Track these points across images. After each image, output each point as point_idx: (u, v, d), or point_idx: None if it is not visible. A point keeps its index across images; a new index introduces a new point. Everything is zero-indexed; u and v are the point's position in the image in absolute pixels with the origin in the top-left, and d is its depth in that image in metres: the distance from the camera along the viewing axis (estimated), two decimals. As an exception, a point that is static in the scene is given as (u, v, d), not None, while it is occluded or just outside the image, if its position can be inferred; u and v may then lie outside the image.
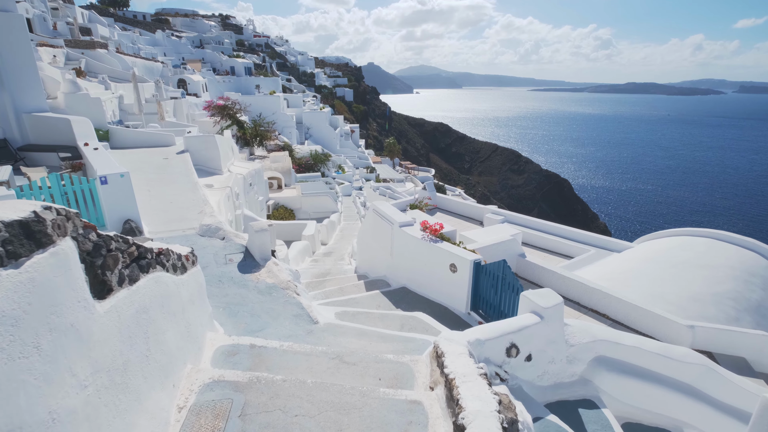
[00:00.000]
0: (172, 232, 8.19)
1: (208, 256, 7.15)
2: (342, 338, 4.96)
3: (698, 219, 78.13)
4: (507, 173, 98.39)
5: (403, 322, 6.03)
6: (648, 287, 8.30)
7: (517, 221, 13.30)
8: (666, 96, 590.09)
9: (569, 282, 8.22)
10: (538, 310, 5.17)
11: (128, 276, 2.88)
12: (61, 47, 30.57)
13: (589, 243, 11.84)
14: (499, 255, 8.62)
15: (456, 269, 6.75)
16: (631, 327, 7.29)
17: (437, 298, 7.34)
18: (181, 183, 11.41)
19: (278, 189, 26.52)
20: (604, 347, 5.49)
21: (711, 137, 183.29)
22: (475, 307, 6.80)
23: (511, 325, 4.93)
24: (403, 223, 8.05)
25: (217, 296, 5.85)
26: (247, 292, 5.98)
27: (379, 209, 8.93)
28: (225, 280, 6.30)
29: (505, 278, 5.97)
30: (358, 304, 7.09)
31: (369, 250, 9.82)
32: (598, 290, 7.67)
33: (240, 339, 4.46)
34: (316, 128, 55.09)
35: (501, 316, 6.22)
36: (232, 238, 7.87)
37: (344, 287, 8.25)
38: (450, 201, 15.34)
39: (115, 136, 14.80)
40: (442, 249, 6.98)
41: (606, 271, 9.79)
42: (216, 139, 15.17)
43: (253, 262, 6.96)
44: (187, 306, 3.88)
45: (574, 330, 5.51)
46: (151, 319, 3.06)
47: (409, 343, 4.89)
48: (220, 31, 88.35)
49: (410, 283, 7.94)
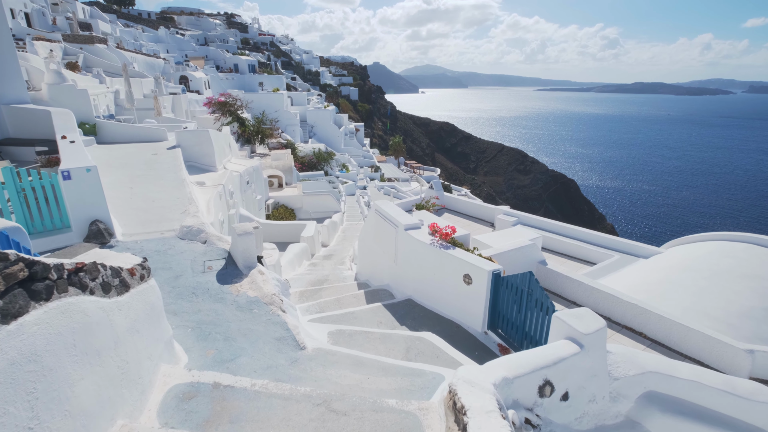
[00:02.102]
0: (149, 235, 7.26)
1: (185, 262, 6.21)
2: (333, 370, 3.99)
3: (706, 221, 76.64)
4: (513, 173, 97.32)
5: (408, 345, 5.05)
6: (688, 300, 7.27)
7: (532, 223, 12.29)
8: (674, 96, 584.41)
9: (597, 294, 7.21)
10: (577, 336, 4.18)
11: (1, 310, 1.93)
12: (59, 42, 29.88)
13: (613, 248, 10.80)
14: (517, 262, 7.63)
15: (471, 281, 5.77)
16: (673, 349, 6.28)
17: (448, 313, 6.36)
18: (167, 180, 10.50)
19: (279, 188, 25.64)
20: (655, 381, 4.48)
21: (719, 137, 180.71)
22: (493, 325, 5.81)
23: (544, 357, 3.95)
24: (409, 226, 7.07)
25: (187, 313, 4.91)
26: (224, 307, 5.04)
27: (382, 210, 7.96)
28: (200, 293, 5.36)
29: (532, 294, 4.98)
30: (357, 320, 6.12)
31: (371, 255, 8.85)
32: (634, 304, 6.65)
33: (202, 374, 3.51)
34: (320, 126, 54.26)
35: (526, 338, 5.24)
36: (215, 241, 6.94)
37: (342, 298, 7.28)
38: (458, 201, 14.34)
39: (103, 130, 13.93)
40: (455, 257, 6.00)
41: (635, 280, 8.76)
42: (210, 134, 14.27)
43: (235, 270, 6.01)
44: (124, 338, 2.92)
45: (618, 359, 4.50)
46: (45, 369, 2.10)
47: (416, 378, 3.91)
48: (224, 30, 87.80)
49: (417, 294, 6.96)
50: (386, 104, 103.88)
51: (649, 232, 70.82)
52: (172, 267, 6.05)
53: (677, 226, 74.99)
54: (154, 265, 6.08)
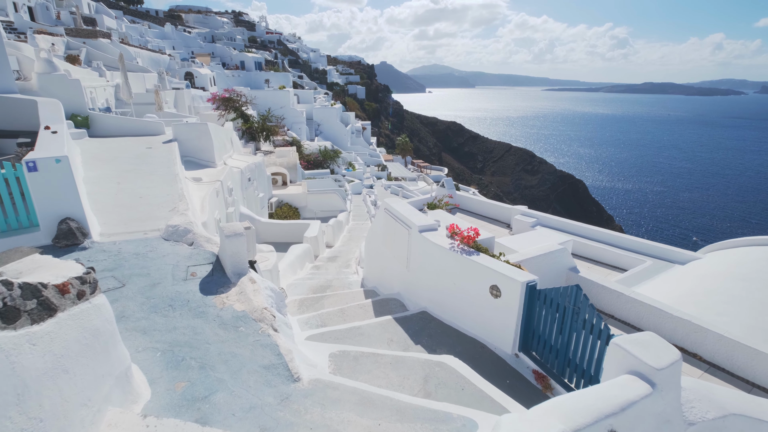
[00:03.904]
0: (131, 235, 6.42)
1: (166, 267, 5.37)
2: (334, 412, 3.11)
3: (717, 224, 74.93)
4: (520, 173, 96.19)
5: (427, 373, 4.16)
6: (745, 316, 6.31)
7: (552, 224, 11.34)
8: (684, 96, 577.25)
9: (641, 307, 6.25)
10: (645, 371, 3.27)
11: None
12: (61, 35, 29.33)
13: (644, 252, 9.82)
14: (545, 270, 6.70)
15: (499, 293, 4.86)
16: (737, 375, 5.33)
17: (471, 329, 5.45)
18: (159, 175, 9.69)
19: (283, 185, 24.85)
20: (739, 427, 3.56)
21: (730, 138, 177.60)
22: (525, 346, 4.89)
23: (607, 401, 3.06)
24: (425, 228, 6.17)
25: (159, 331, 4.06)
26: (205, 324, 4.18)
27: (392, 208, 7.07)
28: (178, 305, 4.50)
29: (579, 312, 4.06)
30: (364, 337, 5.23)
31: (379, 259, 7.96)
32: (687, 321, 5.70)
33: (162, 425, 2.64)
34: (326, 124, 53.54)
35: (569, 365, 4.32)
36: (203, 243, 6.09)
37: (346, 308, 6.40)
38: (472, 200, 13.40)
39: (96, 122, 13.16)
40: (480, 264, 5.09)
41: (676, 289, 7.79)
42: (209, 128, 13.46)
43: (222, 277, 5.16)
44: (38, 385, 2.06)
45: (692, 396, 3.57)
46: None
47: (441, 426, 3.02)
48: (232, 28, 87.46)
49: (433, 306, 6.06)
50: (389, 104, 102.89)
51: (660, 235, 69.26)
52: (150, 273, 5.21)
53: (689, 229, 73.39)
54: (129, 271, 5.26)
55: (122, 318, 4.23)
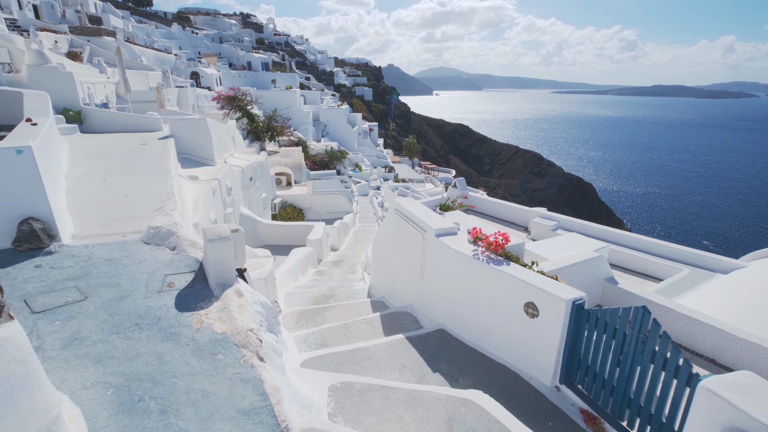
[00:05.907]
0: (108, 237, 5.64)
1: (140, 276, 4.56)
2: (333, 484, 2.26)
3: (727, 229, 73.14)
4: (528, 176, 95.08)
5: (451, 416, 3.29)
6: (817, 337, 5.37)
7: (575, 228, 10.43)
8: (695, 99, 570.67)
9: (694, 326, 5.35)
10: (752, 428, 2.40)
11: None
12: (65, 33, 28.92)
13: (680, 259, 8.89)
14: (580, 280, 5.82)
15: (537, 311, 4.00)
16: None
17: (499, 354, 4.58)
18: (149, 172, 8.92)
19: (287, 186, 24.13)
20: None
21: (741, 142, 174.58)
22: (569, 378, 4.02)
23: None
24: (442, 232, 5.32)
25: (117, 359, 3.24)
26: (175, 350, 3.36)
27: (404, 209, 6.23)
28: (146, 324, 3.69)
29: (647, 342, 3.18)
30: (371, 362, 4.38)
31: (388, 265, 7.11)
32: (755, 344, 4.80)
33: None
34: (333, 125, 52.91)
35: (631, 407, 3.43)
36: (186, 248, 5.28)
37: (351, 323, 5.55)
38: (487, 201, 12.54)
39: (90, 117, 12.49)
40: (511, 276, 4.23)
41: (724, 303, 6.85)
42: (208, 124, 12.73)
43: (204, 289, 4.34)
44: None
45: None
46: None
47: None
48: (240, 29, 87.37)
49: (452, 323, 5.20)
50: (400, 105, 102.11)
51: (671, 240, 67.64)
52: (121, 283, 4.41)
53: (701, 233, 71.72)
54: (96, 280, 4.46)
55: (74, 341, 3.43)
